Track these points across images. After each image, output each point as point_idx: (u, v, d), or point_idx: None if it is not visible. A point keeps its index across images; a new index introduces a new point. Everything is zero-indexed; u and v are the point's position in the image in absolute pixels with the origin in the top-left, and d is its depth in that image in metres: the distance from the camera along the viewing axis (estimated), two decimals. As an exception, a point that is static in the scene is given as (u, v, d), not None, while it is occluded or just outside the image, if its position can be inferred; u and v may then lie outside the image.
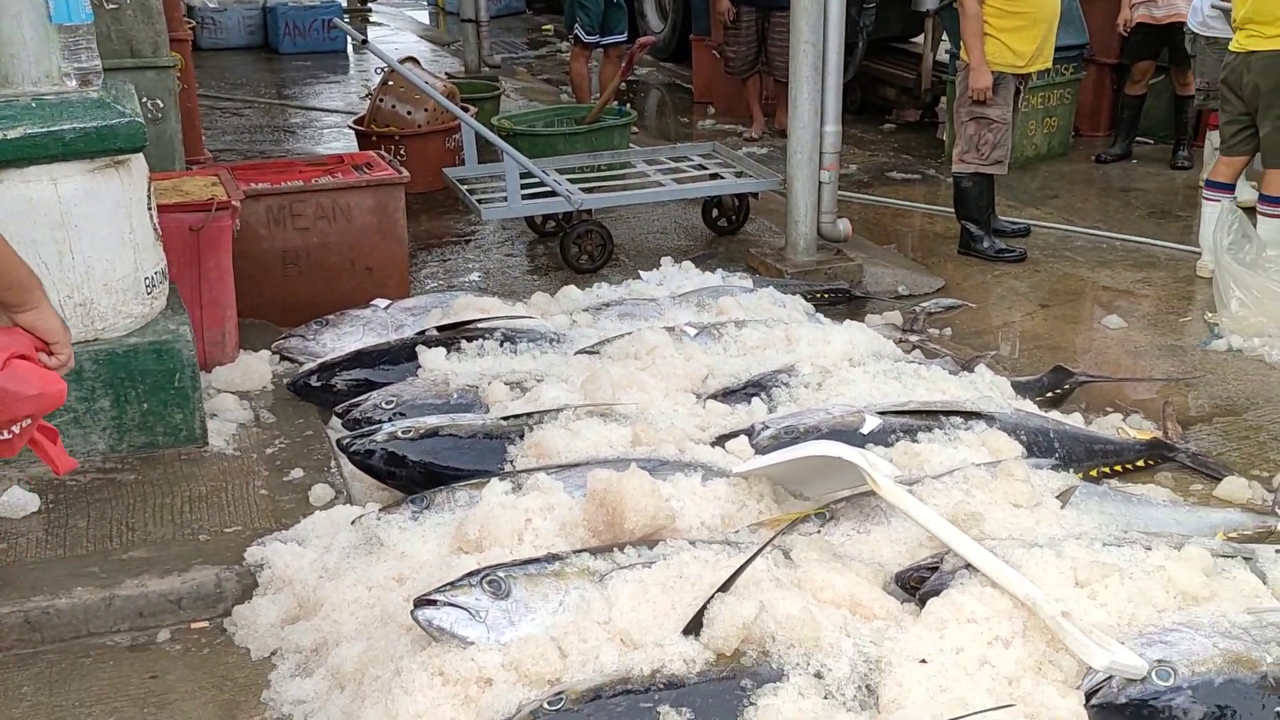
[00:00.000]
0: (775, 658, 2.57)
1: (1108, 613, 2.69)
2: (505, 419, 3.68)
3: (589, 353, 4.33)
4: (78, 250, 3.58)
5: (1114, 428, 4.12)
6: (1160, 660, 2.52)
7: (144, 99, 4.61)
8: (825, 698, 2.51)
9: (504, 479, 3.27)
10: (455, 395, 3.93)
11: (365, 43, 6.46)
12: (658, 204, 6.77)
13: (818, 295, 5.37)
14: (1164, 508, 3.50)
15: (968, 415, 3.77)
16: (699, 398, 4.01)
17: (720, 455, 3.54)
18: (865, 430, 3.64)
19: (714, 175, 6.45)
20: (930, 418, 3.74)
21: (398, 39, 13.11)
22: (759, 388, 4.03)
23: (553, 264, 6.12)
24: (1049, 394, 4.40)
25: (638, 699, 2.45)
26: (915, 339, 4.98)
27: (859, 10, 8.29)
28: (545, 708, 2.44)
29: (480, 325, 4.47)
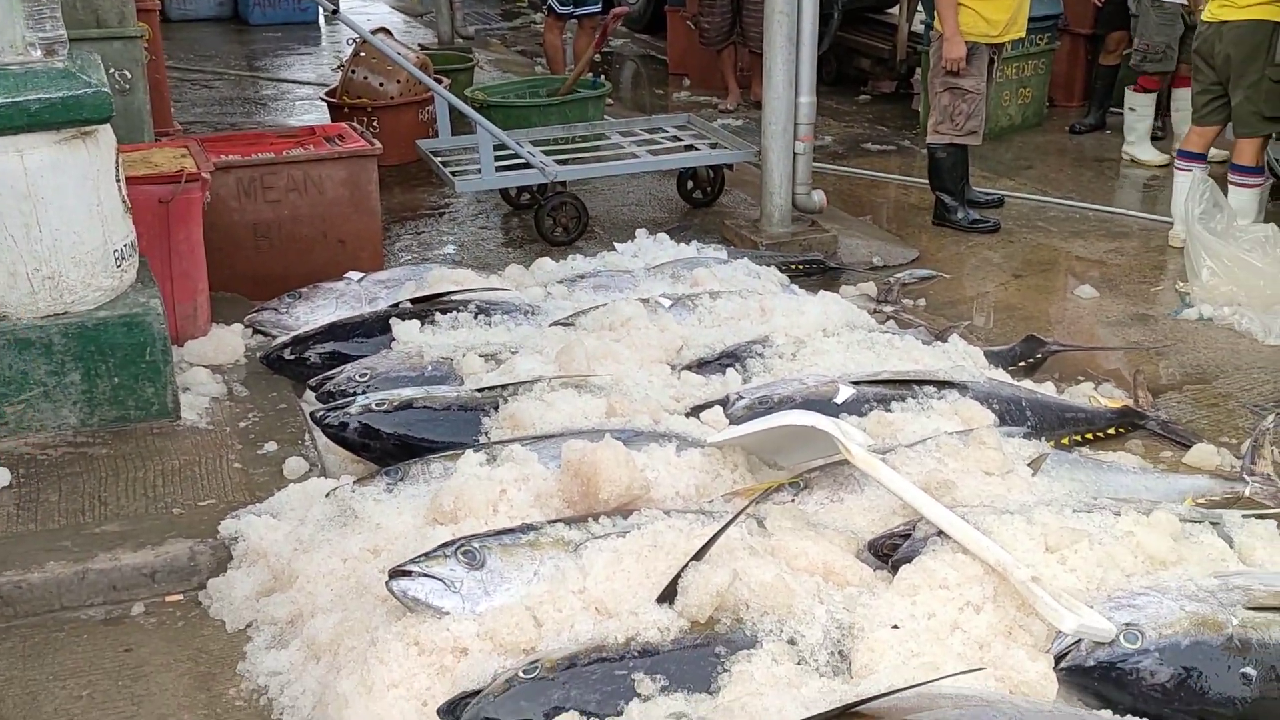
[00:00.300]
0: (749, 625, 2.59)
1: (1077, 577, 2.73)
2: (480, 391, 3.68)
3: (564, 324, 4.32)
4: (45, 223, 3.54)
5: (1086, 396, 4.16)
6: (1128, 624, 2.56)
7: (111, 70, 4.55)
8: (798, 664, 2.54)
9: (479, 450, 3.27)
10: (429, 368, 3.93)
11: (336, 13, 6.37)
12: (632, 176, 6.75)
13: (792, 266, 5.38)
14: (1134, 474, 3.54)
15: (941, 384, 3.79)
16: (674, 369, 4.02)
17: (695, 425, 3.55)
18: (839, 400, 3.66)
19: (689, 147, 6.43)
20: (903, 387, 3.76)
21: (370, 10, 12.95)
22: (733, 358, 4.04)
23: (527, 236, 6.10)
24: (1022, 363, 4.43)
25: (612, 667, 2.47)
26: (889, 310, 5.00)
27: (834, -19, 8.28)
28: (521, 676, 2.45)
29: (454, 297, 4.45)
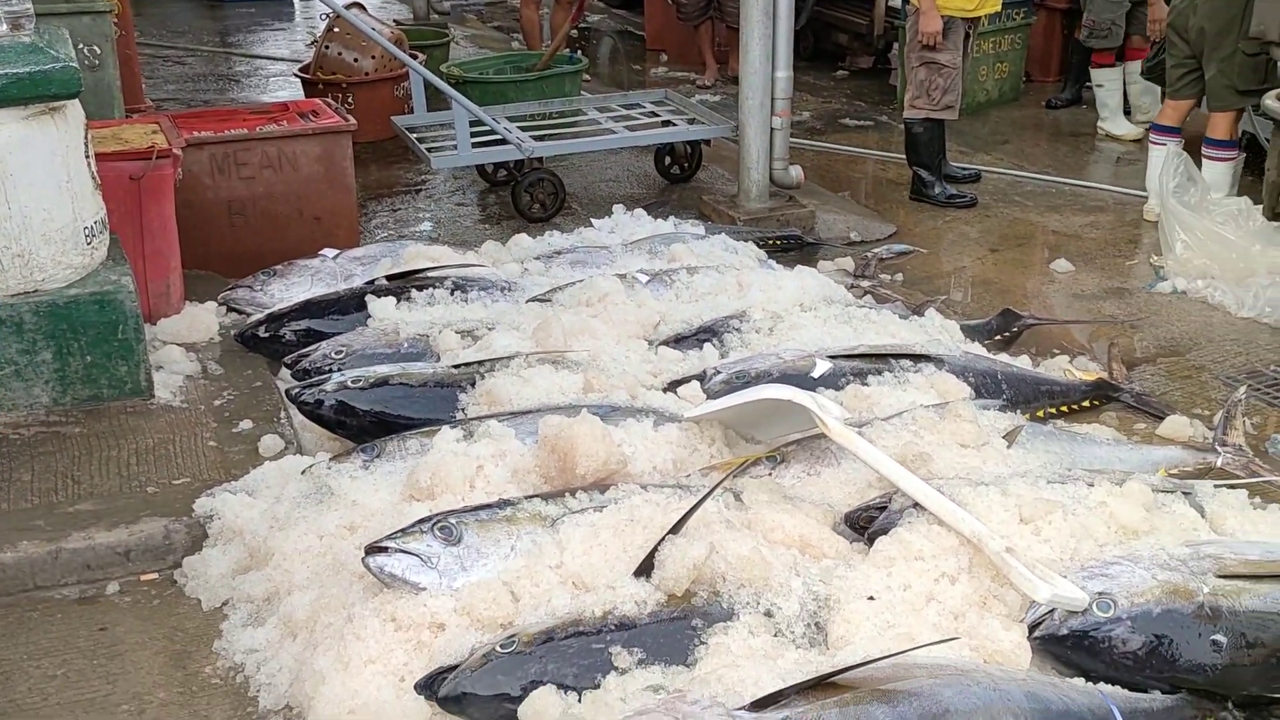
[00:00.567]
0: (726, 597, 2.60)
1: (1051, 548, 2.75)
2: (456, 367, 3.67)
3: (540, 300, 4.31)
4: (14, 200, 3.50)
5: (1061, 369, 4.18)
6: (1101, 593, 2.58)
7: (79, 45, 4.50)
8: (775, 635, 2.55)
9: (455, 427, 3.26)
10: (406, 344, 3.91)
11: (309, -13, 6.32)
12: (610, 152, 6.73)
13: (770, 242, 5.38)
14: (1108, 446, 3.56)
15: (917, 358, 3.81)
16: (651, 344, 4.01)
17: (672, 400, 3.55)
18: (816, 374, 3.67)
19: (666, 122, 6.41)
20: (880, 361, 3.77)
21: (344, -14, 12.85)
22: (711, 333, 4.04)
23: (504, 213, 6.08)
24: (998, 337, 4.44)
25: (590, 640, 2.47)
26: (867, 284, 5.00)
27: (811, -45, 8.24)
28: (498, 650, 2.46)
29: (431, 274, 4.43)
